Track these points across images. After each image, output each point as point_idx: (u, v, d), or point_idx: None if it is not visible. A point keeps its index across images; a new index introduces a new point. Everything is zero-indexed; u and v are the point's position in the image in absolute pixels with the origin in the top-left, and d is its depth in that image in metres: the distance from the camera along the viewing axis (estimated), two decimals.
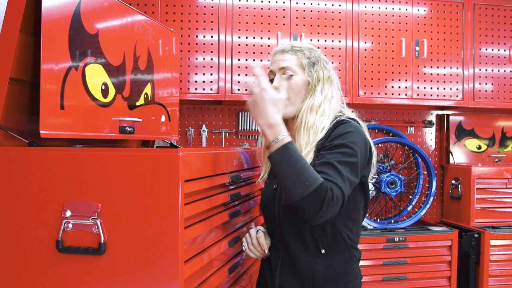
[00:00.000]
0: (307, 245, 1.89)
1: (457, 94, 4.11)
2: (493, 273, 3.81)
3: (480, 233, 3.85)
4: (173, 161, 1.44)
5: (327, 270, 1.90)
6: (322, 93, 1.97)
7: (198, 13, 3.67)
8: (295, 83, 1.96)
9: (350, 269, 1.97)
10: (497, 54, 4.21)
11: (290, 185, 1.66)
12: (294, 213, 1.82)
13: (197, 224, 1.61)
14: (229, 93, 3.70)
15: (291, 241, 1.91)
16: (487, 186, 4.01)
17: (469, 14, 4.10)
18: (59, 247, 1.52)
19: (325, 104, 1.95)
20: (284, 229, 1.92)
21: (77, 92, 1.82)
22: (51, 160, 1.56)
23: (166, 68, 2.57)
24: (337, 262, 1.93)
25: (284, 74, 1.96)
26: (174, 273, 1.45)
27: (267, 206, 2.01)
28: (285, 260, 1.94)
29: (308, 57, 2.00)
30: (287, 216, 1.90)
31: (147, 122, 2.36)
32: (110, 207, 1.51)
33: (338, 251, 1.93)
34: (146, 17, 2.34)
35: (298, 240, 1.90)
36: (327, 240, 1.89)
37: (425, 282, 3.80)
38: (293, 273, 1.92)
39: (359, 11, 3.92)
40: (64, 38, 1.74)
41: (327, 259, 1.90)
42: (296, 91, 1.96)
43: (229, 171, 1.91)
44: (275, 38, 3.76)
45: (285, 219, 1.92)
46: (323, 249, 1.89)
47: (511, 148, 4.62)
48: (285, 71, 1.97)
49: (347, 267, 1.96)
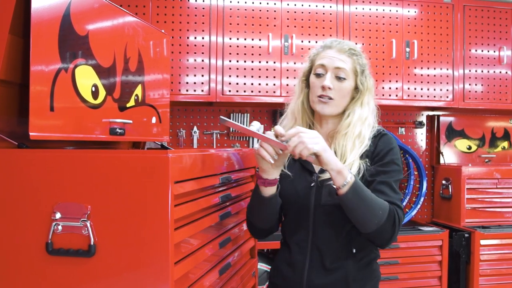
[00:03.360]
0: (340, 245, 1.92)
1: (447, 95, 4.13)
2: (484, 273, 3.83)
3: (470, 233, 3.87)
4: (163, 162, 1.44)
5: (357, 270, 1.94)
6: (369, 104, 2.01)
7: (189, 14, 3.67)
8: (345, 88, 1.96)
9: (374, 268, 2.03)
10: (487, 55, 4.23)
11: (366, 219, 1.78)
12: (335, 213, 1.86)
13: (187, 226, 1.61)
14: (220, 94, 3.70)
15: (325, 240, 1.92)
16: (477, 186, 4.03)
17: (459, 15, 4.13)
18: (48, 250, 1.51)
19: (371, 115, 2.00)
20: (320, 228, 1.92)
21: (67, 93, 1.81)
22: (40, 162, 1.55)
23: (157, 69, 2.57)
24: (365, 261, 1.98)
25: (337, 75, 1.94)
26: (165, 274, 1.45)
27: (298, 203, 1.97)
28: (315, 259, 1.93)
29: (360, 63, 1.99)
30: (327, 217, 1.90)
31: (137, 124, 2.35)
32: (100, 209, 1.50)
33: (366, 251, 1.97)
34: (137, 19, 2.33)
35: (333, 240, 1.92)
36: (358, 240, 1.92)
37: (416, 282, 3.82)
38: (324, 272, 1.92)
39: (350, 13, 3.93)
40: (53, 40, 1.73)
41: (357, 258, 1.94)
42: (344, 94, 1.96)
43: (219, 173, 1.91)
44: (266, 39, 3.76)
45: (324, 219, 1.91)
46: (354, 249, 1.93)
47: (501, 148, 4.65)
48: (339, 72, 1.94)
49: (372, 267, 2.02)
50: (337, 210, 1.84)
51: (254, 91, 3.76)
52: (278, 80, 3.78)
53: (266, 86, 3.78)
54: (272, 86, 3.79)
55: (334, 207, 1.85)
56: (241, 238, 2.24)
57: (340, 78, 1.94)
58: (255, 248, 2.43)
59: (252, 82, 3.75)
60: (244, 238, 2.29)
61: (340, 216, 1.85)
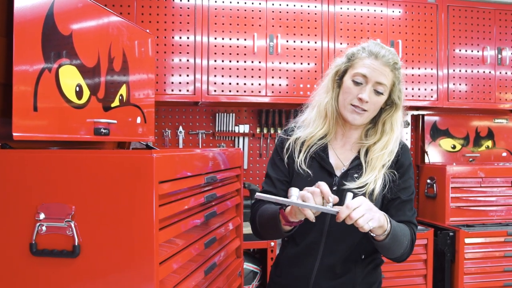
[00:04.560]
0: (351, 251, 1.92)
1: (432, 95, 4.15)
2: (468, 271, 3.86)
3: (455, 232, 3.89)
4: (147, 162, 1.44)
5: (365, 275, 1.95)
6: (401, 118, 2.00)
7: (174, 14, 3.66)
8: (380, 102, 1.93)
9: (378, 273, 2.04)
10: (471, 55, 4.26)
11: (398, 253, 1.86)
12: None
13: (172, 226, 1.60)
14: (206, 94, 3.70)
15: (338, 244, 1.91)
16: (462, 185, 4.05)
17: (443, 15, 4.15)
18: (33, 250, 1.51)
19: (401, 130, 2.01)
20: (335, 232, 1.91)
21: (51, 94, 1.81)
22: (24, 163, 1.54)
23: (142, 69, 2.56)
24: (372, 266, 1.99)
25: (376, 89, 1.89)
26: (149, 274, 1.45)
27: None
28: (324, 263, 1.92)
29: (399, 78, 1.95)
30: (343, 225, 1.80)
31: (122, 124, 2.34)
32: (85, 209, 1.50)
33: (372, 257, 1.98)
34: (121, 18, 2.32)
35: (345, 246, 1.91)
36: (367, 246, 1.92)
37: (401, 281, 3.83)
38: (332, 277, 1.92)
39: (335, 12, 3.94)
40: (37, 40, 1.72)
41: (365, 264, 1.95)
42: (377, 108, 1.94)
43: (205, 172, 1.91)
44: (251, 39, 3.76)
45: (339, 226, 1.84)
46: (363, 255, 1.93)
47: (485, 147, 4.69)
48: (379, 87, 1.89)
49: (376, 271, 2.03)
50: None
51: (239, 91, 3.76)
52: (263, 80, 3.79)
53: (251, 86, 3.78)
54: (258, 86, 3.79)
55: None
56: (226, 238, 2.24)
57: (379, 92, 1.90)
58: (240, 248, 2.43)
59: (238, 82, 3.75)
60: (229, 238, 2.29)
61: None
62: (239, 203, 2.38)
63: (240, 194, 2.39)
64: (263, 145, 4.26)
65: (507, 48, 4.30)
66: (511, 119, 4.77)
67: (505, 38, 4.33)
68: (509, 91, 4.33)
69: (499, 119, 4.74)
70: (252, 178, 4.26)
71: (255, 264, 3.49)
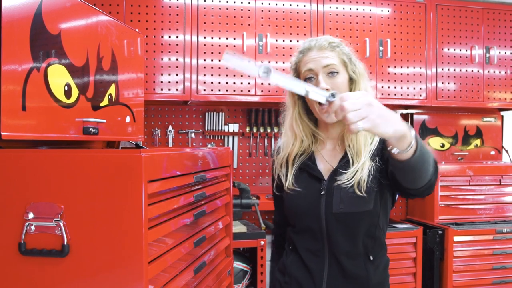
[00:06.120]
0: (358, 252, 1.88)
1: (421, 94, 4.17)
2: (457, 269, 3.88)
3: (444, 230, 3.91)
4: (136, 161, 1.44)
5: (376, 276, 1.91)
6: (367, 90, 1.90)
7: (163, 13, 3.66)
8: (341, 82, 1.85)
9: (387, 274, 2.01)
10: (459, 54, 4.29)
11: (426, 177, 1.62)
12: (349, 221, 1.82)
13: (161, 225, 1.61)
14: (195, 93, 3.70)
15: (342, 248, 1.87)
16: (451, 183, 4.07)
17: (431, 14, 4.17)
18: (21, 250, 1.50)
19: None
20: (334, 236, 1.86)
21: (39, 93, 1.80)
22: (13, 162, 1.54)
23: (131, 68, 2.56)
24: (381, 267, 1.95)
25: (328, 72, 1.84)
26: (138, 274, 1.45)
27: (307, 212, 1.90)
28: (333, 267, 1.88)
29: (345, 53, 1.89)
30: (340, 224, 1.83)
31: (111, 123, 2.34)
32: (73, 208, 1.50)
33: (381, 257, 1.95)
34: (110, 18, 2.32)
35: (350, 248, 1.87)
36: (375, 246, 1.90)
37: (390, 279, 3.82)
38: (344, 281, 1.88)
39: (324, 12, 3.95)
40: (25, 39, 1.72)
41: (374, 265, 1.91)
42: (342, 90, 1.83)
43: (194, 171, 1.91)
44: (241, 38, 3.77)
45: (337, 227, 1.84)
46: (371, 256, 1.90)
47: (473, 146, 4.72)
48: (329, 69, 1.84)
49: (385, 272, 1.99)
50: (350, 217, 1.82)
51: (229, 90, 3.76)
52: (253, 79, 3.79)
53: (241, 85, 3.78)
54: (247, 85, 3.79)
55: (346, 215, 1.83)
56: (216, 237, 2.24)
57: (333, 73, 1.84)
58: (230, 247, 2.43)
59: (227, 81, 3.76)
60: (219, 237, 2.29)
61: (353, 223, 1.83)
62: (229, 202, 2.38)
63: (230, 193, 2.39)
64: (253, 144, 4.26)
65: (495, 47, 4.33)
66: (499, 118, 4.80)
67: (493, 37, 4.36)
68: (497, 90, 4.36)
69: (488, 118, 4.77)
70: (241, 177, 4.27)
71: (245, 263, 3.49)
